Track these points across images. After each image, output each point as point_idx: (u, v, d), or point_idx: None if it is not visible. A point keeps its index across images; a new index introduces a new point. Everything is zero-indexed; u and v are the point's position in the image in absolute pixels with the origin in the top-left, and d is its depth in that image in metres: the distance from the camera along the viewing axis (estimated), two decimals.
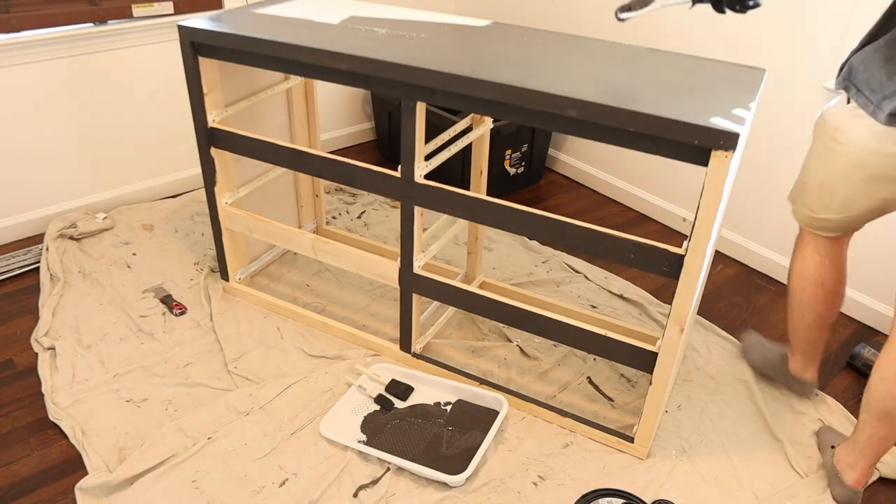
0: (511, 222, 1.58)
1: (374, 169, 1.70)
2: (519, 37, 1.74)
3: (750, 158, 2.41)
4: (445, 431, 1.73)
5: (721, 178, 1.29)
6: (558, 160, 3.15)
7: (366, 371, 1.88)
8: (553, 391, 1.91)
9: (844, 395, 1.96)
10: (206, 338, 2.01)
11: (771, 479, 1.68)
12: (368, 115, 3.37)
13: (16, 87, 2.28)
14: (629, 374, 1.98)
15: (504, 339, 2.09)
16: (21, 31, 2.22)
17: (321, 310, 2.16)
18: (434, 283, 1.78)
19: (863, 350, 2.03)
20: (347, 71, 1.60)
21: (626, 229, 2.71)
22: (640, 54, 1.64)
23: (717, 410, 1.87)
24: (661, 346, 1.54)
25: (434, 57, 1.55)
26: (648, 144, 1.35)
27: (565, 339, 1.66)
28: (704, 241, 1.37)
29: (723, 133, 1.25)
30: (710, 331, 2.16)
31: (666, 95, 1.39)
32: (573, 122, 1.40)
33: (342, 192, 2.84)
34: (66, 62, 2.36)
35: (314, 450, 1.68)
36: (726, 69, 1.58)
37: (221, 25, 1.74)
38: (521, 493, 1.60)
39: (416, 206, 1.69)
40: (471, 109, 1.52)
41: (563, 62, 1.56)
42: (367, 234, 2.58)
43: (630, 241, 1.46)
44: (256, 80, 2.07)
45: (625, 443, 1.72)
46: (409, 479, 1.62)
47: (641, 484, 1.64)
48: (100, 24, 2.37)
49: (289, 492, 1.57)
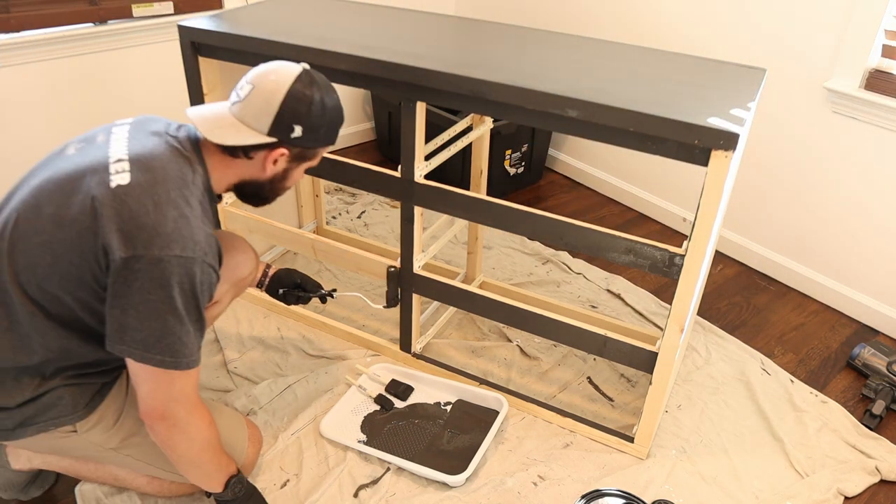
0: (511, 222, 1.58)
1: (374, 169, 1.70)
2: (519, 36, 1.74)
3: (750, 158, 2.41)
4: (445, 431, 1.73)
5: (721, 178, 1.29)
6: (558, 160, 3.15)
7: (366, 371, 1.88)
8: (553, 391, 1.91)
9: (844, 396, 1.96)
10: (206, 337, 2.01)
11: (771, 479, 1.68)
12: (368, 115, 3.37)
13: (16, 87, 2.28)
14: (629, 374, 1.98)
15: (504, 339, 2.09)
16: (21, 31, 2.22)
17: (321, 310, 2.16)
18: (434, 283, 1.78)
19: (863, 350, 2.03)
20: (347, 71, 1.60)
21: (626, 229, 2.71)
22: (641, 54, 1.64)
23: (717, 410, 1.87)
24: (661, 345, 1.54)
25: (434, 57, 1.55)
26: (648, 144, 1.35)
27: (565, 339, 1.66)
28: (704, 241, 1.37)
29: (723, 133, 1.25)
30: (710, 331, 2.16)
31: (666, 95, 1.39)
32: (573, 122, 1.40)
33: (342, 192, 2.84)
34: (66, 62, 2.35)
35: (314, 450, 1.68)
36: (726, 69, 1.58)
37: (222, 25, 1.74)
38: (521, 493, 1.60)
39: (415, 206, 1.69)
40: (471, 109, 1.52)
41: (564, 62, 1.56)
42: (367, 233, 2.58)
43: (630, 241, 1.46)
44: None
45: (625, 443, 1.72)
46: (410, 479, 1.62)
47: (641, 484, 1.64)
48: (100, 24, 2.37)
49: (290, 492, 1.57)
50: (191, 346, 1.20)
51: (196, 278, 1.17)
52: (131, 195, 1.14)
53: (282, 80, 1.24)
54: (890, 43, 2.00)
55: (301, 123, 1.25)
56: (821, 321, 2.26)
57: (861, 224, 2.18)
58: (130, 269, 1.12)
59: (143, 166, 1.18)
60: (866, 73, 2.04)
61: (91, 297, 1.18)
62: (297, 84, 1.24)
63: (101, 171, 1.17)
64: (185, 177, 1.22)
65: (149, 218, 1.13)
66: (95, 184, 1.16)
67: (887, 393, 1.89)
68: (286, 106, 1.23)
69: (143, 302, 1.13)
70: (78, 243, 1.14)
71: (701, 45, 2.45)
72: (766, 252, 2.47)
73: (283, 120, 1.24)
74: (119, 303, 1.14)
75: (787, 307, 2.32)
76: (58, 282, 1.17)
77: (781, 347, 2.14)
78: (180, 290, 1.15)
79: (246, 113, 1.24)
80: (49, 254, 1.16)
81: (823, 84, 2.12)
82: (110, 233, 1.13)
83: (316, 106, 1.26)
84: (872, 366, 1.99)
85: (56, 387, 1.26)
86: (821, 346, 2.15)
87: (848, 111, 2.09)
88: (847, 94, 2.06)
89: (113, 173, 1.16)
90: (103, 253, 1.13)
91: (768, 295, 2.38)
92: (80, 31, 2.33)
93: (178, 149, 1.24)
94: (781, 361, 2.07)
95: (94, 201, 1.14)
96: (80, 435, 1.30)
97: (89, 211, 1.14)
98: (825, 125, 2.17)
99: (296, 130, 1.26)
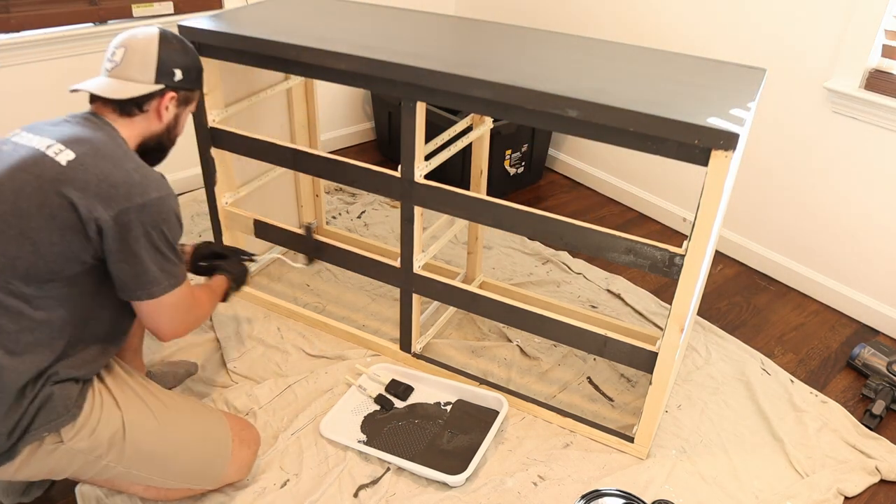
0: (510, 222, 1.58)
1: (373, 169, 1.70)
2: (519, 36, 1.74)
3: (750, 158, 2.41)
4: (445, 431, 1.73)
5: (721, 178, 1.29)
6: (558, 160, 3.15)
7: (366, 371, 1.88)
8: (553, 391, 1.91)
9: (844, 396, 1.96)
10: (206, 337, 2.01)
11: (771, 479, 1.68)
12: (368, 115, 3.37)
13: (16, 87, 2.28)
14: (629, 374, 1.98)
15: (504, 338, 2.09)
16: (21, 31, 2.22)
17: (321, 310, 2.16)
18: (434, 283, 1.78)
19: (863, 350, 2.03)
20: (347, 71, 1.60)
21: (626, 229, 2.71)
22: (641, 54, 1.64)
23: (717, 410, 1.87)
24: (661, 345, 1.54)
25: (434, 57, 1.55)
26: (648, 144, 1.35)
27: (565, 339, 1.66)
28: (704, 241, 1.37)
29: (723, 133, 1.25)
30: (710, 331, 2.16)
31: (666, 95, 1.39)
32: (573, 122, 1.40)
33: (342, 192, 2.84)
34: (66, 62, 2.35)
35: (314, 450, 1.68)
36: (726, 69, 1.58)
37: (222, 25, 1.74)
38: (521, 493, 1.60)
39: (415, 206, 1.69)
40: (471, 109, 1.52)
41: (564, 62, 1.56)
42: (367, 233, 2.58)
43: (629, 241, 1.46)
44: (257, 79, 2.07)
45: (625, 443, 1.72)
46: (410, 479, 1.62)
47: (641, 484, 1.64)
48: (100, 24, 2.37)
49: (290, 492, 1.57)
50: (181, 261, 1.34)
51: (174, 209, 1.30)
52: (87, 164, 1.22)
53: (149, 36, 1.37)
54: (890, 43, 2.00)
55: (179, 66, 1.39)
56: (821, 321, 2.26)
57: (861, 224, 2.18)
58: (121, 224, 1.21)
59: (75, 142, 1.25)
60: (866, 73, 2.04)
61: (77, 266, 1.24)
62: (163, 36, 1.38)
63: (41, 159, 1.22)
64: (115, 139, 1.31)
65: (115, 176, 1.22)
66: (46, 169, 1.21)
67: (887, 393, 1.89)
68: (163, 54, 1.36)
69: (142, 248, 1.24)
70: (54, 224, 1.20)
71: (701, 45, 2.45)
72: (766, 252, 2.47)
73: (165, 66, 1.37)
74: (121, 257, 1.24)
75: (787, 307, 2.32)
76: (44, 266, 1.21)
77: (781, 347, 2.14)
78: (167, 225, 1.28)
79: (128, 71, 1.35)
80: (28, 243, 1.19)
81: (823, 84, 2.12)
82: (87, 199, 1.19)
83: (187, 51, 1.41)
84: (872, 366, 1.99)
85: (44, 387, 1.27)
86: (821, 346, 2.15)
87: (848, 111, 2.09)
88: (847, 94, 2.06)
89: (53, 155, 1.22)
90: (91, 221, 1.20)
91: (768, 295, 2.38)
92: (80, 31, 2.33)
93: (89, 121, 1.32)
94: (781, 361, 2.07)
95: (55, 181, 1.20)
96: (66, 445, 1.30)
97: (54, 191, 1.19)
98: (825, 125, 2.17)
99: (177, 74, 1.39)
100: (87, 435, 1.31)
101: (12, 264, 1.20)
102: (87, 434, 1.31)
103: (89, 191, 1.19)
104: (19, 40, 2.21)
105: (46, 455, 1.29)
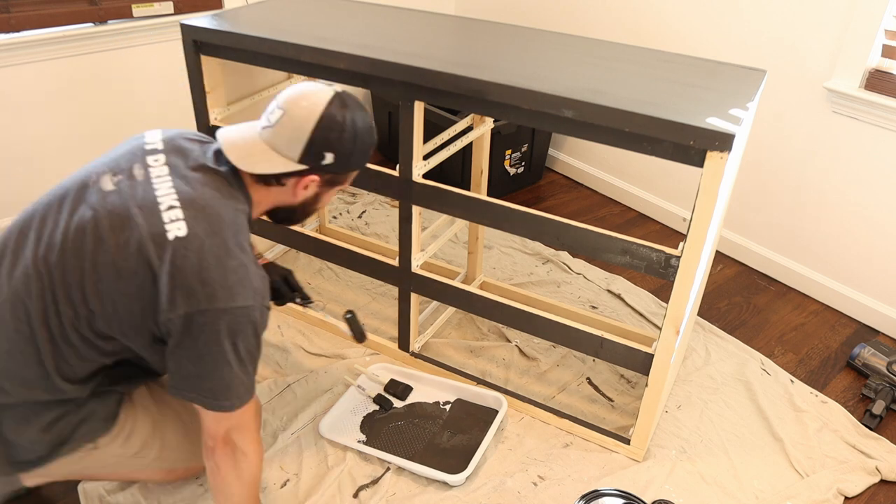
0: (507, 222, 1.58)
1: (372, 168, 1.71)
2: (518, 36, 1.74)
3: (750, 158, 2.40)
4: (445, 431, 1.73)
5: (716, 180, 1.29)
6: (558, 160, 3.15)
7: (364, 371, 1.88)
8: (552, 392, 1.91)
9: (844, 396, 1.96)
10: None
11: (771, 479, 1.68)
12: None
13: (16, 87, 2.29)
14: (629, 374, 1.98)
15: (503, 339, 2.09)
16: (21, 31, 2.22)
17: (322, 308, 2.16)
18: (432, 282, 1.78)
19: (863, 350, 2.02)
20: (347, 70, 1.60)
21: (626, 229, 2.71)
22: (641, 55, 1.64)
23: (717, 410, 1.86)
24: (657, 347, 1.53)
25: (433, 56, 1.56)
26: (644, 145, 1.35)
27: (562, 339, 1.66)
28: (700, 242, 1.37)
29: (718, 134, 1.25)
30: (710, 331, 2.16)
31: (663, 96, 1.39)
32: (570, 122, 1.40)
33: (342, 192, 2.85)
34: (66, 62, 2.36)
35: (314, 450, 1.68)
36: (725, 70, 1.57)
37: (223, 24, 1.74)
38: (521, 493, 1.60)
39: (413, 206, 1.69)
40: (470, 109, 1.52)
41: (562, 62, 1.56)
42: (368, 233, 2.58)
43: (625, 242, 1.46)
44: (258, 78, 2.07)
45: (621, 445, 1.72)
46: (409, 479, 1.62)
47: (641, 484, 1.64)
48: (100, 24, 2.37)
49: (290, 492, 1.57)
50: (251, 384, 1.21)
51: (258, 324, 1.18)
52: (191, 249, 1.12)
53: (313, 107, 1.21)
54: (890, 43, 2.00)
55: (333, 150, 1.23)
56: (821, 321, 2.26)
57: (861, 224, 2.17)
58: (196, 323, 1.12)
59: (196, 213, 1.16)
60: (866, 73, 2.04)
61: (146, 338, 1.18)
62: (329, 110, 1.21)
63: (154, 218, 1.14)
64: (237, 220, 1.21)
65: (211, 273, 1.12)
66: (151, 234, 1.13)
67: (887, 393, 1.89)
68: (317, 133, 1.21)
69: (209, 353, 1.14)
70: (139, 296, 1.13)
71: (701, 46, 2.44)
72: (766, 252, 2.47)
73: (315, 148, 1.22)
74: (183, 353, 1.14)
75: (787, 307, 2.32)
76: (117, 327, 1.16)
77: (781, 347, 2.13)
78: (243, 338, 1.16)
79: (277, 139, 1.22)
80: (110, 304, 1.15)
81: (823, 84, 2.12)
82: (173, 289, 1.11)
83: (348, 133, 1.23)
84: (872, 366, 1.98)
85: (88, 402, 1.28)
86: (821, 346, 2.15)
87: (848, 111, 2.09)
88: (847, 94, 2.05)
89: (167, 222, 1.14)
90: (168, 307, 1.12)
91: (768, 295, 2.38)
92: (81, 31, 2.33)
93: (224, 186, 1.23)
94: (781, 361, 2.07)
95: (154, 255, 1.12)
96: (100, 450, 1.31)
97: (147, 266, 1.13)
98: (825, 125, 2.17)
99: (327, 158, 1.24)
100: (122, 441, 1.34)
101: (91, 314, 1.16)
102: (122, 440, 1.34)
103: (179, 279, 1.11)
104: (19, 40, 2.21)
105: (79, 459, 1.31)
